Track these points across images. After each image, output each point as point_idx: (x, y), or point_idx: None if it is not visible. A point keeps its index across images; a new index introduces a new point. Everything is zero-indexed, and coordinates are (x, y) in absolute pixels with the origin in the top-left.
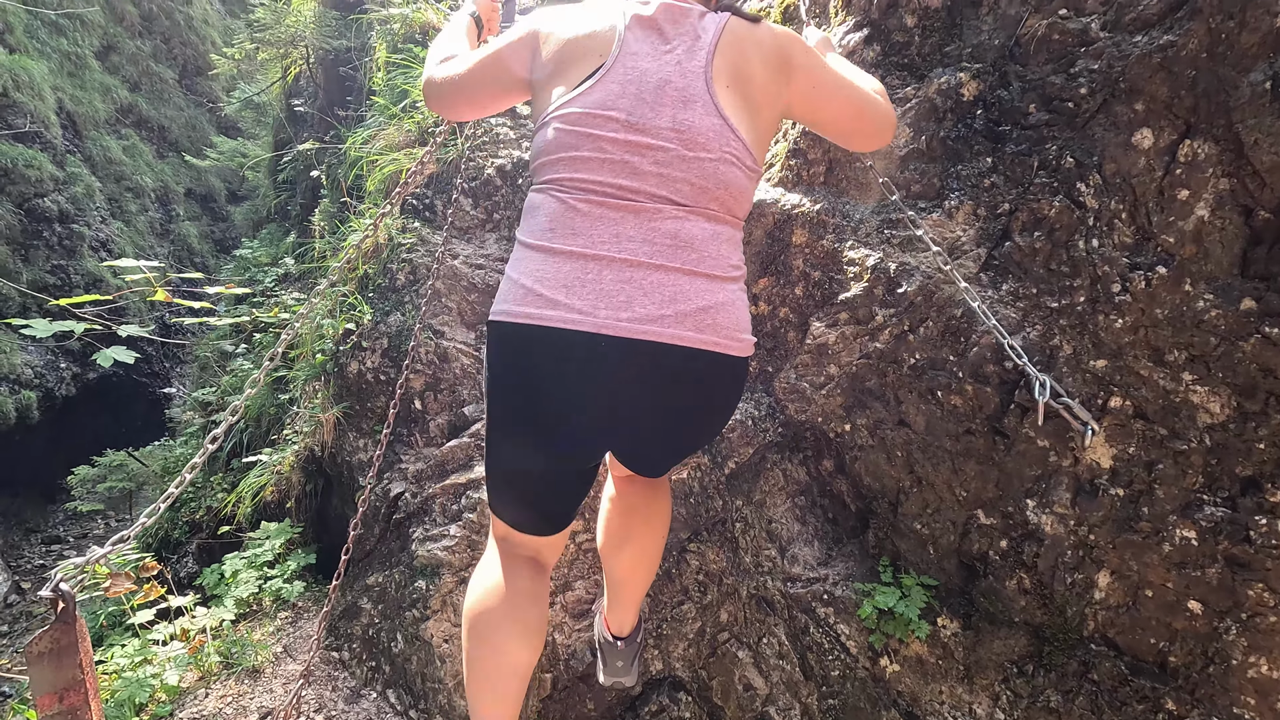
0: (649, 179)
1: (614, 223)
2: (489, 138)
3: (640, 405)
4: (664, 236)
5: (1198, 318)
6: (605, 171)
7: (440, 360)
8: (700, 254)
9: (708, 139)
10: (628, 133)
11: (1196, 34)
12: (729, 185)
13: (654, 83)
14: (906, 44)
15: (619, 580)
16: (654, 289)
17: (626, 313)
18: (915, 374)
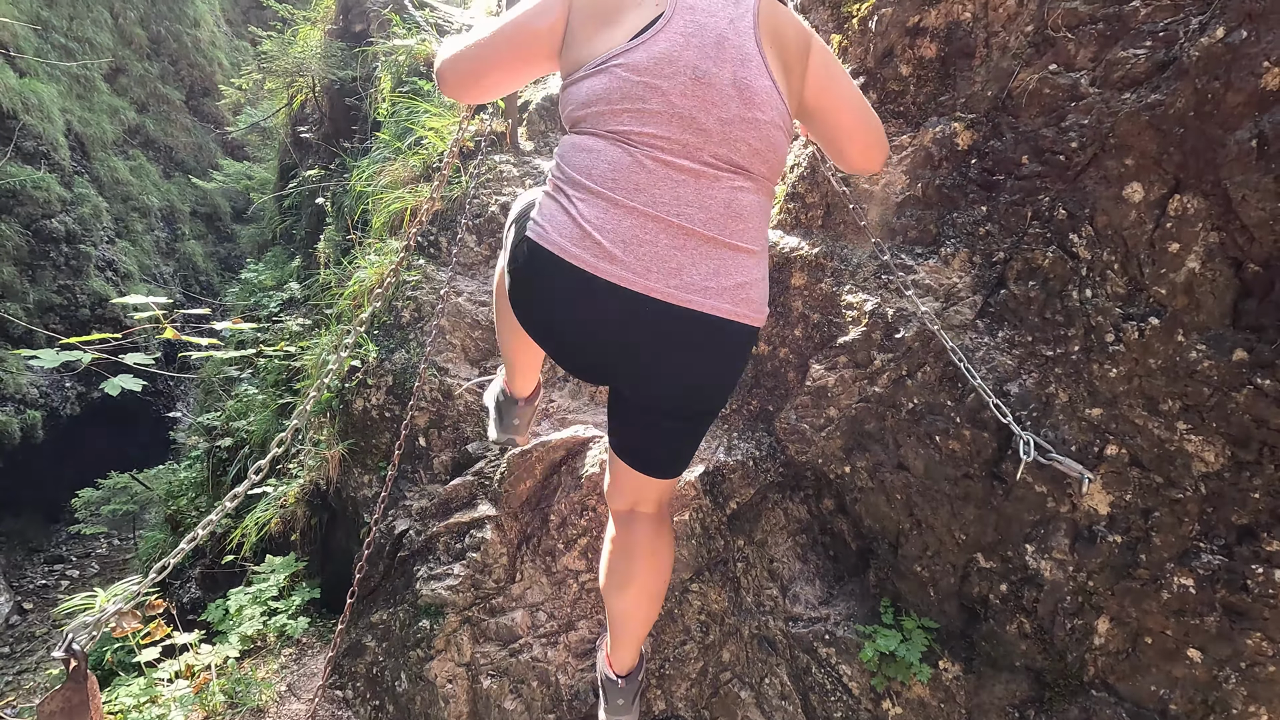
0: (714, 136)
1: (676, 184)
2: (493, 175)
3: (666, 363)
4: (719, 205)
5: (1191, 368)
6: (673, 126)
7: (444, 397)
8: (746, 226)
9: (763, 100)
10: (695, 87)
11: (1183, 93)
12: (777, 149)
13: (714, 37)
14: (901, 92)
15: (621, 620)
16: (702, 260)
17: (675, 280)
18: (913, 418)
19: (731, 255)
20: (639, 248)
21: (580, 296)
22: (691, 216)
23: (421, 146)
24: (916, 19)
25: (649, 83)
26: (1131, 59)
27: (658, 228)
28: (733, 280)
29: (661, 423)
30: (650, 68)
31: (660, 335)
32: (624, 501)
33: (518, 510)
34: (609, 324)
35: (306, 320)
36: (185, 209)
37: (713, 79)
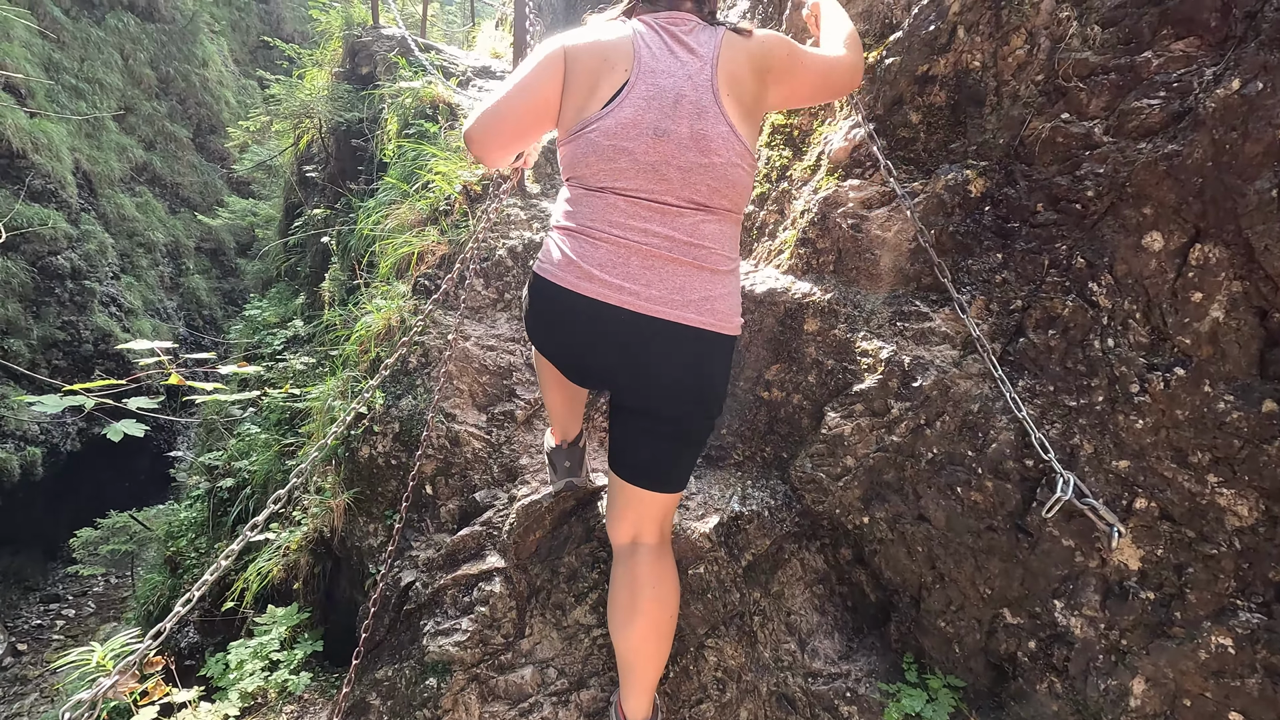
0: (675, 182)
1: (645, 219)
2: (501, 219)
3: (646, 365)
4: (683, 233)
5: (1219, 419)
6: (640, 179)
7: (451, 444)
8: (708, 250)
9: (719, 145)
10: (656, 143)
11: (1200, 144)
12: (735, 184)
13: (672, 97)
14: (912, 139)
15: (630, 660)
16: (668, 277)
17: (645, 294)
18: (934, 469)
19: (696, 273)
20: (613, 269)
21: (569, 312)
22: (658, 244)
23: (429, 190)
24: (925, 67)
25: (617, 145)
26: (1146, 109)
27: (629, 253)
28: (698, 294)
29: (653, 428)
30: (617, 132)
31: (637, 341)
32: (626, 530)
33: (527, 562)
34: (595, 333)
35: (310, 359)
36: (190, 244)
37: (671, 134)
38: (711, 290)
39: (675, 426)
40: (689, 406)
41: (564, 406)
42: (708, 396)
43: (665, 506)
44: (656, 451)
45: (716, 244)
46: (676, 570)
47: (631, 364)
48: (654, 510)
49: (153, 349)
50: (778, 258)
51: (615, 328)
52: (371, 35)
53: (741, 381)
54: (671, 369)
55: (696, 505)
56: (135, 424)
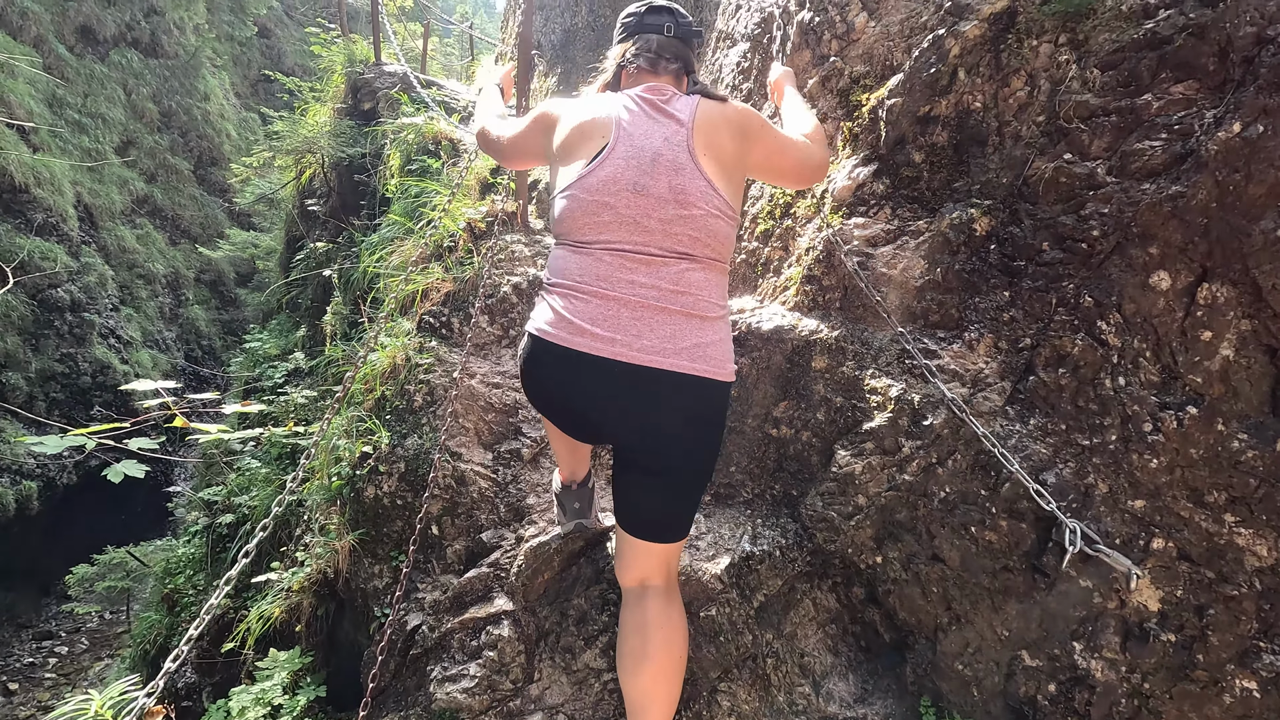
0: (656, 234)
1: (630, 271)
2: (505, 255)
3: (642, 416)
4: (669, 282)
5: (1234, 458)
6: (622, 231)
7: (458, 484)
8: (696, 298)
9: (697, 198)
10: (636, 198)
11: (1204, 185)
12: (716, 234)
13: (650, 156)
14: (915, 179)
15: (640, 705)
16: (659, 327)
17: (637, 344)
18: (946, 508)
19: (685, 321)
20: (604, 323)
21: (562, 368)
22: (646, 295)
23: (433, 228)
24: (927, 108)
25: (599, 200)
26: (1148, 150)
27: (619, 306)
28: (689, 341)
29: (652, 481)
30: (599, 188)
31: (632, 393)
32: (634, 575)
33: (535, 604)
34: (589, 388)
35: (312, 392)
36: (190, 275)
37: (649, 190)
38: (703, 337)
39: (673, 478)
40: (686, 457)
41: (570, 451)
42: (704, 445)
43: (670, 554)
44: (656, 504)
45: (703, 291)
46: (684, 612)
47: (628, 416)
48: (659, 558)
49: (157, 389)
50: (783, 294)
51: (609, 381)
52: (374, 72)
53: (750, 419)
54: (667, 418)
55: (707, 545)
56: (136, 465)
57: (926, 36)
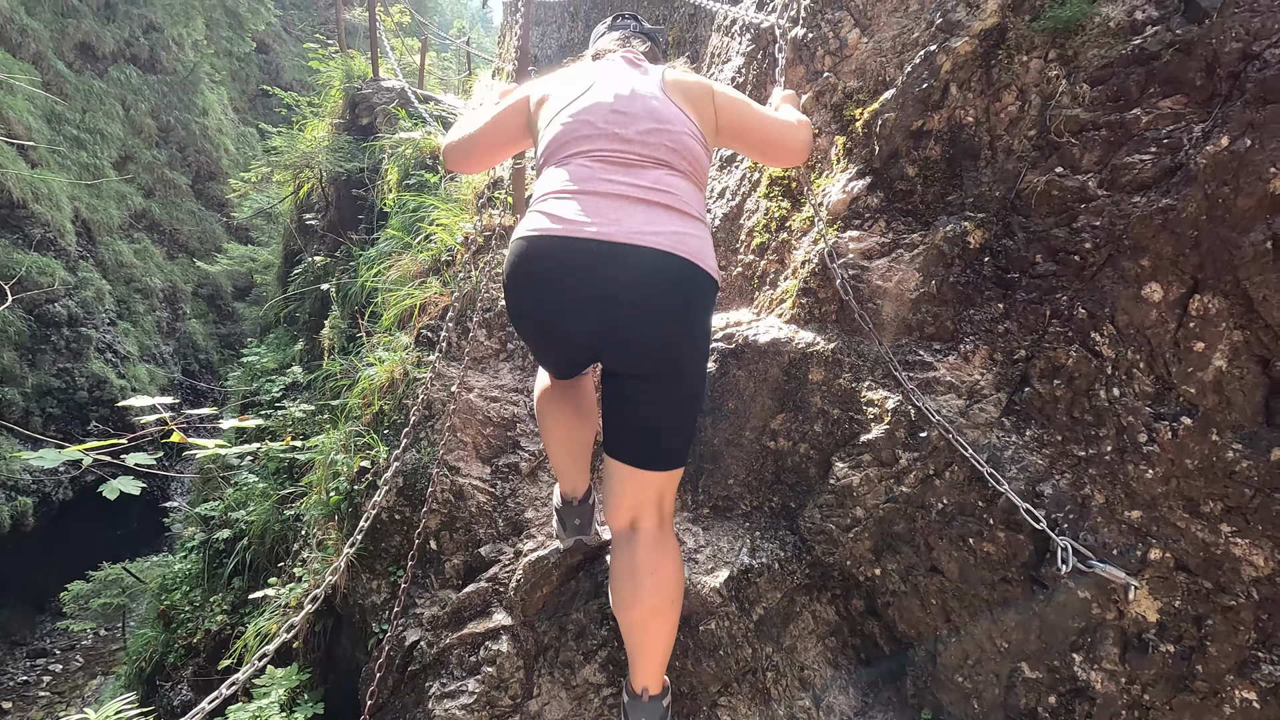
0: (634, 143)
1: (610, 172)
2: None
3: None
4: (648, 181)
5: (1229, 468)
6: (602, 141)
7: (456, 498)
8: (675, 195)
9: (671, 117)
10: (615, 115)
11: (1194, 198)
12: (692, 151)
13: (628, 90)
14: (909, 192)
15: (636, 642)
16: (639, 213)
17: (616, 227)
18: (944, 520)
19: (664, 211)
20: (584, 212)
21: (541, 259)
22: (625, 189)
23: (431, 243)
24: (920, 123)
25: (581, 119)
26: (1138, 164)
27: (599, 198)
28: (669, 228)
29: (642, 389)
30: (580, 112)
31: (612, 275)
32: (624, 514)
33: (534, 619)
34: (573, 278)
35: (310, 406)
36: (187, 289)
37: (628, 109)
38: (683, 228)
39: (661, 383)
40: (672, 350)
41: (570, 460)
42: (690, 337)
43: (662, 486)
44: (645, 417)
45: (682, 194)
46: (679, 553)
47: (610, 306)
48: (651, 491)
49: (154, 405)
50: (779, 307)
51: (592, 265)
52: (371, 87)
53: (747, 431)
54: (650, 303)
55: (705, 559)
56: (132, 481)
57: (918, 52)
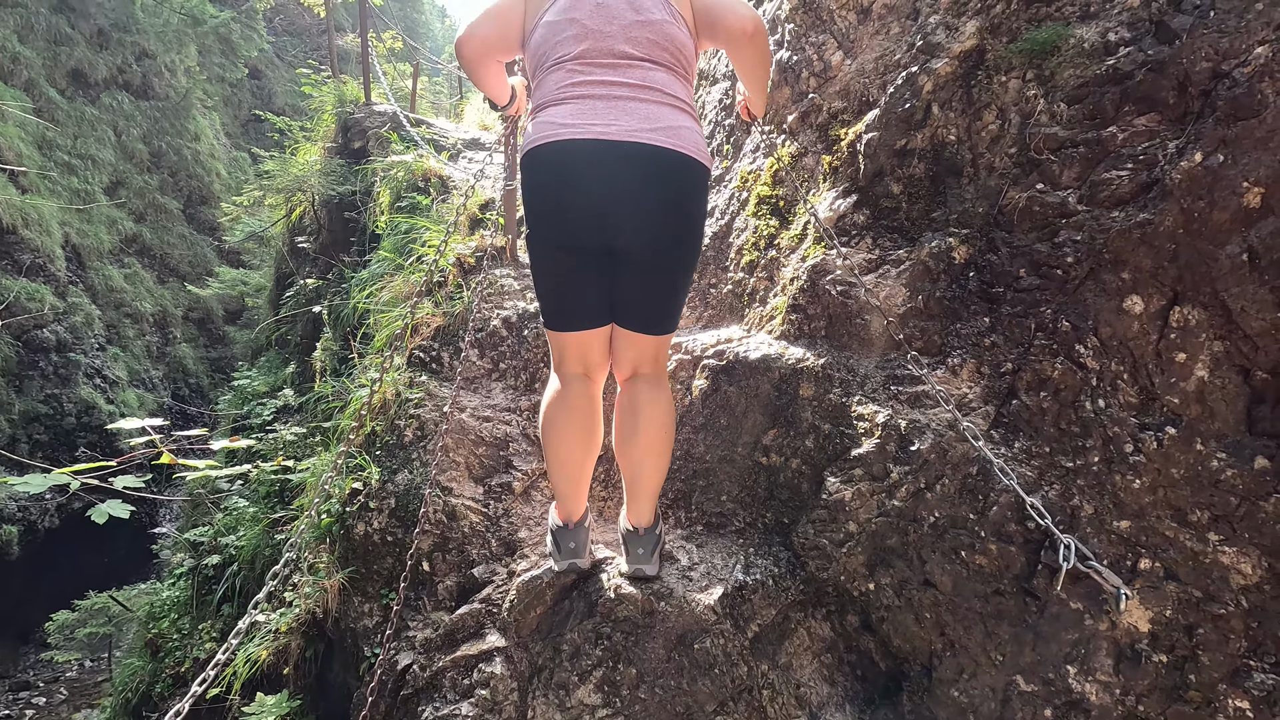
0: (618, 38)
1: (599, 74)
2: (495, 289)
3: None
4: (636, 79)
5: (1214, 477)
6: (587, 40)
7: (449, 518)
8: (663, 91)
9: (652, 6)
10: (598, 10)
11: (1171, 212)
12: (674, 39)
13: None
14: (894, 209)
15: (632, 475)
16: (634, 111)
17: (615, 125)
18: (936, 533)
19: (658, 107)
20: (583, 115)
21: (555, 163)
22: (615, 89)
23: (423, 264)
24: (904, 141)
25: (566, 18)
26: (1116, 180)
27: (594, 100)
28: (664, 124)
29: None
30: (565, 8)
31: (618, 171)
32: (627, 368)
33: (528, 640)
34: (575, 174)
35: (301, 429)
36: (178, 313)
37: (610, 4)
38: (676, 121)
39: (661, 261)
40: (673, 232)
41: (569, 483)
42: (690, 224)
43: (659, 345)
44: (648, 294)
45: (669, 88)
46: (671, 400)
47: (618, 197)
48: (650, 349)
49: (144, 428)
50: (770, 323)
51: (598, 163)
52: (364, 112)
53: (739, 447)
54: (654, 194)
55: (700, 576)
56: (121, 505)
57: (900, 74)
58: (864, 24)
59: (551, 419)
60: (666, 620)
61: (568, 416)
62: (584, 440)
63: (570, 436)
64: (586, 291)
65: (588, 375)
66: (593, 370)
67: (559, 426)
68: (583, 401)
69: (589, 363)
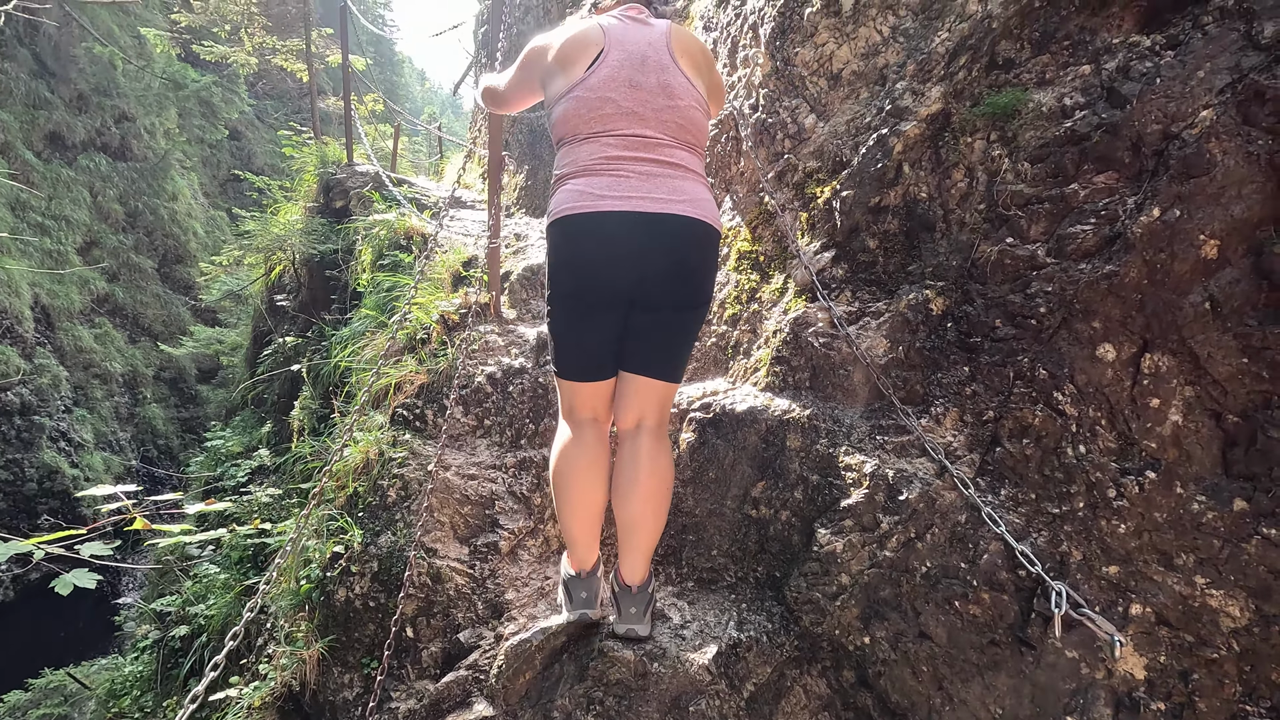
0: (650, 120)
1: (633, 150)
2: (479, 345)
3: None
4: (664, 156)
5: (1196, 520)
6: (622, 120)
7: (433, 581)
8: (685, 167)
9: (681, 92)
10: (632, 91)
11: (1134, 264)
12: (696, 123)
13: (639, 57)
14: (872, 263)
15: (630, 526)
16: (662, 184)
17: (647, 199)
18: (929, 583)
19: (682, 179)
20: (617, 188)
21: (588, 231)
22: (647, 166)
23: (408, 321)
24: (877, 199)
25: (601, 96)
26: (1080, 234)
27: (626, 174)
28: (688, 195)
29: (663, 319)
30: (599, 86)
31: (650, 235)
32: (632, 417)
33: (517, 707)
34: (613, 241)
35: (277, 490)
36: (149, 373)
37: (643, 84)
38: (698, 194)
39: (683, 311)
40: (695, 291)
41: (583, 529)
42: (710, 281)
43: (666, 394)
44: (663, 343)
45: (690, 164)
46: (671, 453)
47: (647, 255)
48: (657, 397)
49: (115, 493)
50: (754, 375)
51: (630, 230)
52: (345, 172)
53: (729, 500)
54: (678, 255)
55: (693, 634)
56: (88, 574)
57: (871, 135)
58: (835, 89)
59: (566, 463)
60: (660, 682)
61: (582, 457)
62: (599, 481)
63: (586, 478)
64: (609, 346)
65: (597, 420)
66: (601, 416)
67: (575, 468)
68: (596, 442)
69: (599, 410)
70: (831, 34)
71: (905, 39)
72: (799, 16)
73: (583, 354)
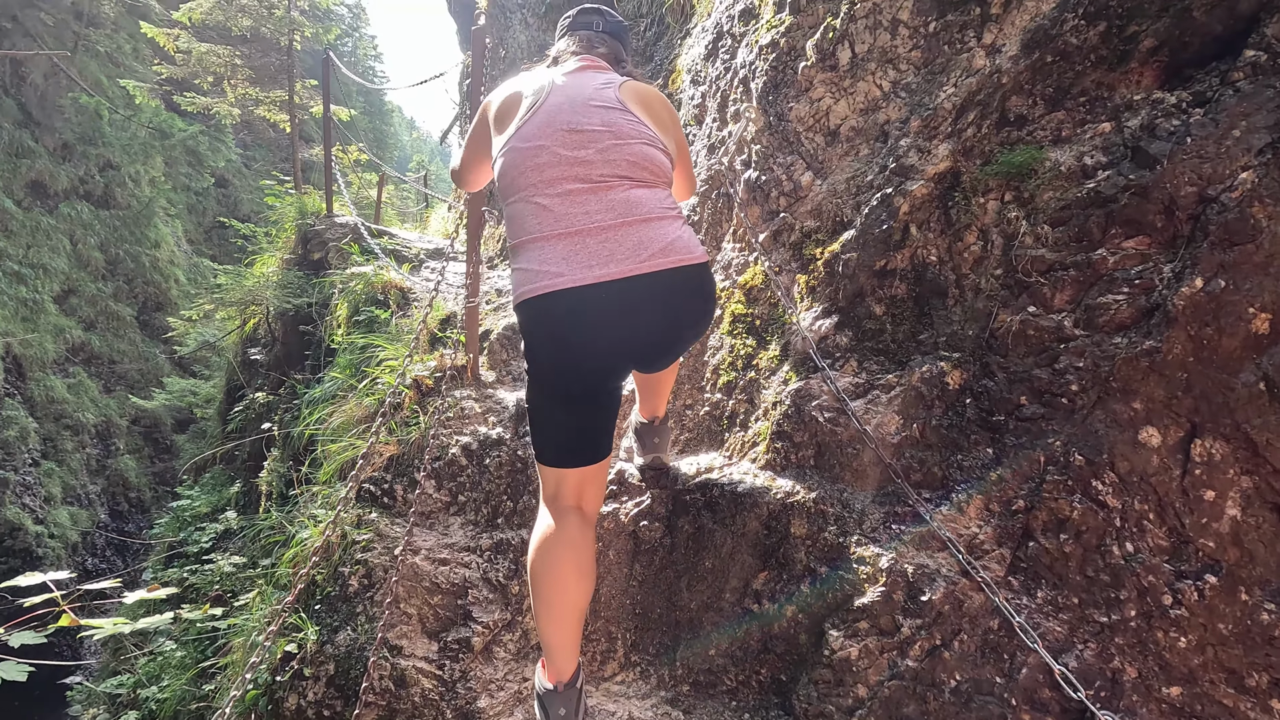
0: (596, 164)
1: (580, 203)
2: (455, 413)
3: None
4: (619, 201)
5: (1267, 633)
6: (562, 166)
7: (396, 686)
8: (646, 207)
9: (629, 129)
10: (571, 135)
11: (1178, 340)
12: (652, 159)
13: (583, 100)
14: (879, 331)
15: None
16: (624, 240)
17: (613, 263)
18: (960, 700)
19: (645, 226)
20: (575, 257)
21: (555, 314)
22: (601, 218)
23: (378, 385)
24: (883, 262)
25: (536, 144)
26: (1113, 304)
27: (582, 237)
28: (657, 245)
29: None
30: (534, 134)
31: (624, 305)
32: (570, 499)
33: None
34: (584, 323)
35: (241, 559)
36: (123, 423)
37: (584, 126)
38: (666, 234)
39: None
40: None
41: (561, 634)
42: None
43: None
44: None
45: (651, 202)
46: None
47: (629, 327)
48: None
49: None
50: (753, 450)
51: (601, 308)
52: (325, 223)
53: (727, 593)
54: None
55: None
56: (16, 667)
57: (874, 195)
58: (832, 146)
59: (545, 556)
60: None
61: (563, 552)
62: (580, 580)
63: (566, 575)
64: (596, 429)
65: (582, 509)
66: (588, 505)
67: (555, 563)
68: (580, 537)
69: (585, 496)
70: (828, 89)
71: (907, 94)
72: (792, 71)
73: (569, 442)
